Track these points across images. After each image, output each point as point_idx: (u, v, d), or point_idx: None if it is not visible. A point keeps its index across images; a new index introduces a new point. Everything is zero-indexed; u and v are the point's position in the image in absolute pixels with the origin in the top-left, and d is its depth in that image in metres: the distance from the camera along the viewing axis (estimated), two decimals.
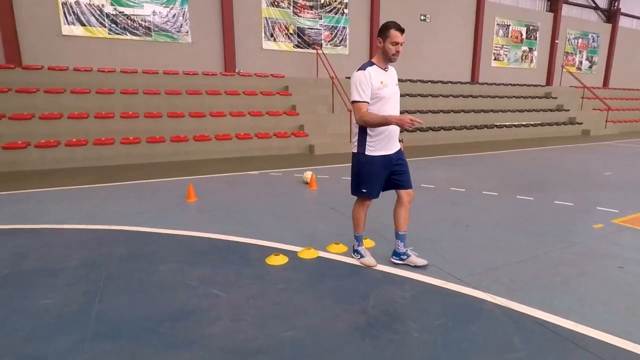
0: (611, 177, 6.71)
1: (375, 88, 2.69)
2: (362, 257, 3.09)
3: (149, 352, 2.01)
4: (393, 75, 2.88)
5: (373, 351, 2.00)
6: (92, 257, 3.25)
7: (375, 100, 2.72)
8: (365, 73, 2.68)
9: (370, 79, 2.68)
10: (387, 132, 2.80)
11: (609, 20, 20.10)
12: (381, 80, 2.72)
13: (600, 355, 1.95)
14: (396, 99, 2.85)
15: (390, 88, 2.77)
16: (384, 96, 2.72)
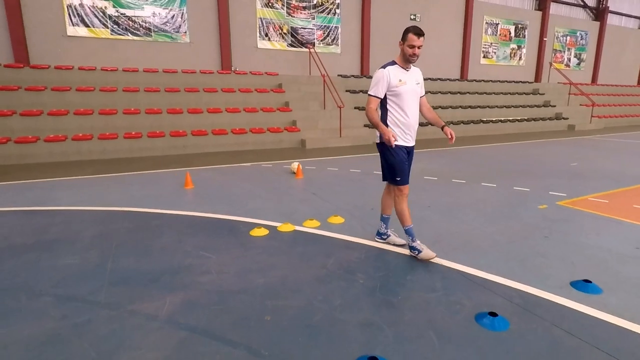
0: (575, 167, 7.29)
1: (393, 85, 2.96)
2: (419, 252, 3.09)
3: (153, 292, 2.61)
4: (415, 74, 3.09)
5: (326, 291, 2.61)
6: (103, 231, 3.85)
7: (394, 96, 3.00)
8: (384, 71, 2.97)
9: (389, 77, 2.95)
10: (405, 126, 3.06)
11: (597, 18, 20.61)
12: (400, 79, 2.98)
13: (500, 294, 2.55)
14: (414, 95, 3.05)
15: (409, 86, 3.00)
16: (402, 92, 2.98)
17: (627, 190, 5.47)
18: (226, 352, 1.99)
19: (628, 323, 2.21)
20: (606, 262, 3.04)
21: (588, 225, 3.98)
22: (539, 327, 2.20)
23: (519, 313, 2.34)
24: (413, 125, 3.10)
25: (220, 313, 2.36)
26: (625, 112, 18.82)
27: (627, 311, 2.33)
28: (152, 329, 2.20)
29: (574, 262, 3.04)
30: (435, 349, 2.01)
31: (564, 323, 2.22)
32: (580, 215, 4.30)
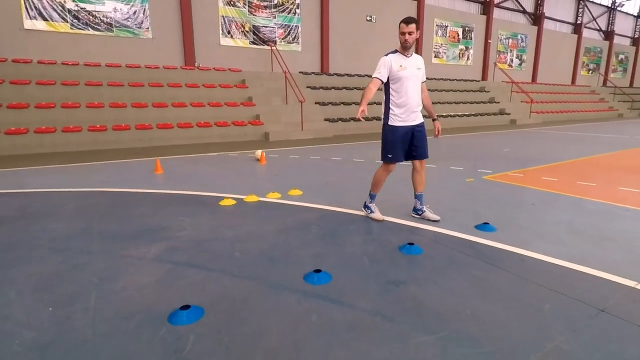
0: (506, 152, 8.36)
1: (394, 70, 3.29)
2: (371, 212, 3.68)
3: (139, 243, 3.13)
4: (416, 61, 3.39)
5: (285, 237, 3.23)
6: (82, 205, 4.25)
7: (395, 80, 3.33)
8: (386, 58, 3.32)
9: (390, 62, 3.29)
10: (405, 107, 3.38)
11: (535, 23, 22.57)
12: (400, 64, 3.29)
13: (421, 235, 3.29)
14: (415, 79, 3.36)
15: (409, 71, 3.31)
16: (402, 77, 3.30)
17: (542, 168, 6.50)
18: (204, 275, 2.57)
19: (509, 247, 3.00)
20: (505, 213, 3.88)
21: (500, 190, 4.87)
22: (444, 251, 2.94)
23: (431, 244, 3.07)
24: (413, 107, 3.41)
25: (198, 253, 2.92)
26: (561, 109, 20.79)
27: (510, 241, 3.13)
28: (143, 264, 2.74)
29: (480, 213, 3.85)
30: (366, 266, 2.69)
31: (464, 249, 2.98)
32: (497, 185, 5.20)
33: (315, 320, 2.03)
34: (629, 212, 3.91)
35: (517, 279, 2.48)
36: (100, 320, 2.05)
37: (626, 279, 2.44)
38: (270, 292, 2.35)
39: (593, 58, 27.26)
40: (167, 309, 2.13)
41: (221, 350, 1.80)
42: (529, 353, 1.75)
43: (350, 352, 1.77)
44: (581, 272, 2.56)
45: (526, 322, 2.00)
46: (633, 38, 30.65)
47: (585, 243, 3.07)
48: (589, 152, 8.37)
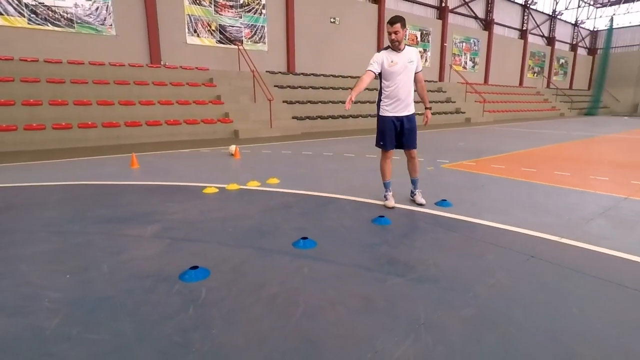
0: (462, 146, 9.14)
1: (386, 65, 3.55)
2: (386, 200, 3.89)
3: (134, 225, 3.38)
4: (407, 55, 3.58)
5: (270, 216, 3.61)
6: (67, 196, 4.39)
7: (386, 75, 3.59)
8: (378, 54, 3.60)
9: (382, 58, 3.56)
10: (394, 99, 3.64)
11: (486, 28, 24.17)
12: (391, 60, 3.54)
13: (390, 212, 3.77)
14: (406, 73, 3.58)
15: (400, 65, 3.54)
16: (393, 72, 3.56)
17: (492, 157, 7.26)
18: (202, 246, 2.89)
19: (462, 217, 3.54)
20: (460, 193, 4.47)
21: (456, 176, 5.50)
22: (410, 222, 3.45)
23: (399, 217, 3.56)
24: (403, 98, 3.64)
25: (192, 230, 3.23)
26: (510, 108, 22.41)
27: (464, 213, 3.68)
28: (142, 241, 3.01)
29: (439, 193, 4.40)
30: (344, 234, 3.13)
31: (426, 219, 3.50)
32: (453, 172, 5.84)
33: (307, 273, 2.44)
34: (562, 190, 4.62)
35: (468, 239, 3.01)
36: (118, 281, 2.33)
37: (552, 235, 3.03)
38: (265, 255, 2.72)
39: (537, 62, 29.50)
40: (177, 272, 2.44)
41: (231, 296, 2.16)
42: (475, 285, 2.25)
43: (339, 292, 2.19)
44: (518, 232, 3.14)
45: (474, 266, 2.51)
46: (571, 44, 33.44)
47: (524, 213, 3.68)
48: (533, 145, 9.33)
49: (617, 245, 2.81)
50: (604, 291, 2.18)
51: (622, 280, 2.29)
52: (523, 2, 26.68)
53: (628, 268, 2.50)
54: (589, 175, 5.49)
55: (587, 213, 3.64)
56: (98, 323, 1.88)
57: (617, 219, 3.46)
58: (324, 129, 13.47)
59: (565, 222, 3.36)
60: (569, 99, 30.12)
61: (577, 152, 8.24)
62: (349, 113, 14.74)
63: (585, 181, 5.11)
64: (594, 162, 6.75)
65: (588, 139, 10.96)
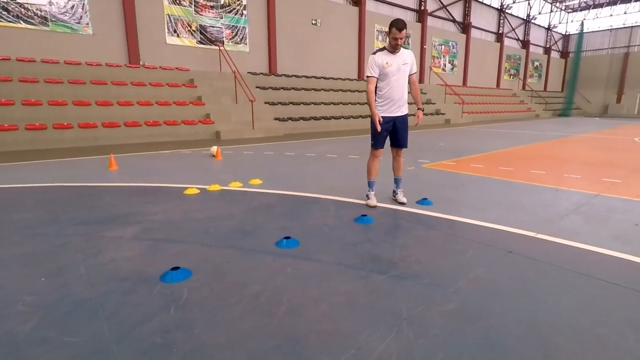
0: (442, 146, 9.30)
1: (381, 67, 3.61)
2: (368, 199, 3.93)
3: (113, 227, 3.31)
4: (403, 57, 3.65)
5: (253, 216, 3.58)
6: (43, 198, 4.25)
7: (382, 76, 3.64)
8: (374, 56, 3.63)
9: (377, 60, 3.59)
10: (387, 100, 3.72)
11: (464, 31, 24.71)
12: (387, 61, 3.59)
13: (373, 211, 3.80)
14: (400, 74, 3.64)
15: (395, 67, 3.60)
16: (387, 73, 3.62)
17: (471, 157, 7.42)
18: (185, 247, 2.85)
19: (443, 215, 3.61)
20: (440, 191, 4.55)
21: (436, 175, 5.59)
22: (392, 220, 3.49)
23: (380, 216, 3.60)
24: (396, 99, 3.72)
25: (174, 231, 3.18)
26: (487, 109, 22.94)
27: (444, 211, 3.75)
28: (122, 242, 2.95)
29: (420, 192, 4.47)
30: (327, 233, 3.14)
31: (408, 217, 3.54)
32: (434, 171, 5.94)
33: (290, 271, 2.44)
34: (536, 188, 4.76)
35: (449, 236, 3.07)
36: (97, 283, 2.28)
37: (529, 231, 3.12)
38: (248, 255, 2.71)
39: (513, 64, 30.33)
40: (157, 273, 2.40)
41: (213, 296, 2.14)
42: (457, 280, 2.30)
43: (323, 289, 2.20)
44: (496, 229, 3.22)
45: (455, 262, 2.56)
46: (545, 47, 34.54)
47: (501, 210, 3.78)
48: (510, 145, 9.58)
49: (589, 240, 2.92)
50: (576, 283, 2.26)
51: (593, 272, 2.38)
52: (499, 7, 27.41)
53: (599, 261, 2.60)
54: (563, 174, 5.67)
55: (561, 209, 3.76)
56: (75, 325, 1.84)
57: (589, 215, 3.60)
58: (306, 130, 13.48)
59: (541, 219, 3.47)
60: (544, 100, 31.09)
61: (552, 151, 8.51)
62: (331, 114, 14.80)
63: (560, 179, 5.28)
64: (567, 161, 6.99)
65: (562, 139, 11.33)
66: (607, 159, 7.23)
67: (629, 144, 9.97)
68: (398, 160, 4.11)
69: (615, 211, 3.71)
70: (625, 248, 2.76)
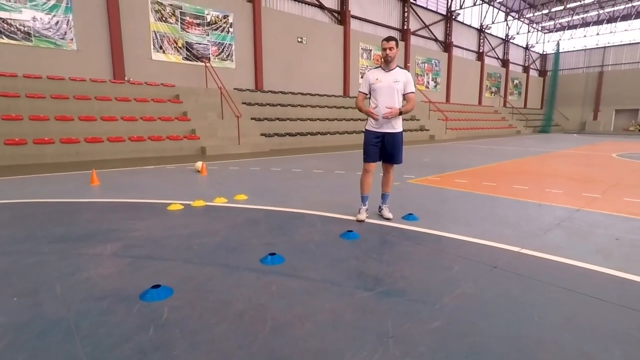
0: (426, 162, 9.42)
1: (371, 82, 3.74)
2: (359, 213, 3.96)
3: (92, 243, 3.21)
4: (395, 75, 3.70)
5: (237, 232, 3.53)
6: (19, 215, 4.10)
7: (373, 92, 3.77)
8: (367, 73, 3.81)
9: (369, 77, 3.77)
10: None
11: (446, 50, 25.43)
12: (377, 77, 3.71)
13: (357, 226, 3.79)
14: (389, 91, 3.68)
15: (384, 83, 3.68)
16: (376, 88, 3.72)
17: (455, 173, 7.52)
18: (166, 264, 2.78)
19: (428, 230, 3.62)
20: (425, 207, 4.57)
21: (421, 190, 5.64)
22: (378, 236, 3.48)
23: (366, 232, 3.59)
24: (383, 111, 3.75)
25: (156, 248, 3.10)
26: (470, 126, 23.45)
27: (430, 226, 3.76)
28: (101, 260, 2.85)
29: (406, 207, 4.49)
30: (313, 249, 3.10)
31: (393, 233, 3.54)
32: (419, 187, 5.99)
33: (274, 289, 2.39)
34: (519, 203, 4.83)
35: (435, 251, 3.07)
36: (72, 303, 2.19)
37: (513, 246, 3.15)
38: (232, 272, 2.65)
39: (494, 82, 31.24)
40: (137, 291, 2.32)
41: (195, 315, 2.07)
42: (442, 296, 2.28)
43: (308, 307, 2.16)
44: (481, 244, 3.24)
45: (441, 278, 2.55)
46: (524, 66, 35.77)
47: (486, 224, 3.81)
48: (493, 161, 9.77)
49: (572, 254, 2.95)
50: (561, 298, 2.27)
51: (576, 287, 2.40)
52: (479, 27, 28.38)
53: (582, 275, 2.62)
54: (545, 189, 5.79)
55: (544, 224, 3.82)
56: (48, 347, 1.75)
57: (571, 229, 3.66)
58: (292, 145, 13.50)
59: (525, 233, 3.51)
60: (524, 117, 31.99)
61: (534, 167, 8.70)
62: (317, 130, 14.90)
63: (542, 194, 5.39)
64: (549, 176, 7.15)
65: (543, 155, 11.62)
66: (587, 175, 7.42)
67: (607, 160, 10.28)
68: (387, 176, 4.13)
69: (597, 226, 3.79)
70: (608, 262, 2.81)
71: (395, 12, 21.72)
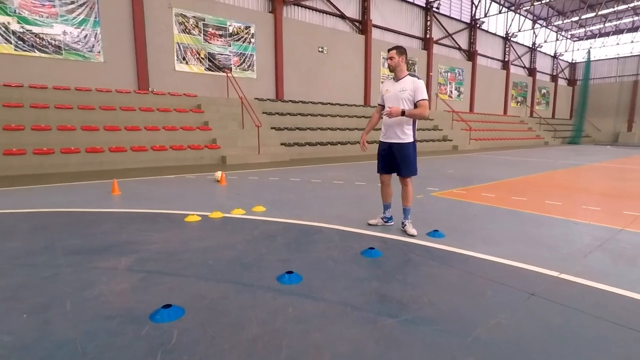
0: (451, 173, 9.11)
1: (382, 94, 3.91)
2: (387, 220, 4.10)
3: (107, 257, 3.14)
4: (402, 84, 3.71)
5: (254, 246, 3.40)
6: (38, 225, 4.11)
7: (384, 102, 3.87)
8: (382, 84, 3.98)
9: (382, 88, 3.92)
10: (385, 126, 3.88)
11: (470, 59, 24.97)
12: (387, 89, 3.84)
13: (380, 241, 3.60)
14: (396, 101, 3.71)
15: (392, 93, 3.76)
16: (385, 99, 3.84)
17: (481, 186, 7.21)
18: (179, 280, 2.67)
19: (456, 249, 3.40)
20: (451, 222, 4.34)
21: (446, 204, 5.38)
22: (401, 254, 3.27)
23: (389, 249, 3.39)
24: (388, 125, 3.83)
25: (170, 263, 3.01)
26: (495, 136, 22.83)
27: (457, 244, 3.54)
28: (115, 274, 2.77)
29: (430, 223, 4.27)
30: (332, 267, 2.94)
31: (418, 252, 3.33)
32: (444, 200, 5.73)
33: (291, 312, 2.23)
34: (554, 220, 4.53)
35: (464, 273, 2.85)
36: (80, 322, 2.10)
37: (552, 271, 2.89)
38: (246, 291, 2.51)
39: (520, 91, 30.43)
40: (148, 310, 2.22)
41: (206, 339, 1.94)
42: (475, 327, 2.07)
43: (326, 335, 1.99)
44: (516, 266, 2.99)
45: (473, 305, 2.33)
46: (552, 75, 34.73)
47: (519, 244, 3.55)
48: (521, 173, 9.36)
49: (619, 282, 2.67)
50: (610, 334, 2.02)
51: (630, 322, 2.14)
52: (504, 35, 27.79)
53: (634, 308, 2.35)
54: (580, 205, 5.43)
55: (583, 245, 3.52)
56: None
57: (615, 252, 3.35)
58: (312, 155, 13.41)
59: (563, 256, 3.23)
60: (552, 127, 30.95)
61: (566, 180, 8.27)
62: (338, 140, 14.77)
63: (578, 211, 5.05)
64: (583, 191, 6.74)
65: (575, 168, 11.08)
66: (625, 190, 6.97)
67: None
68: (404, 189, 4.03)
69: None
70: None
71: (418, 21, 21.52)
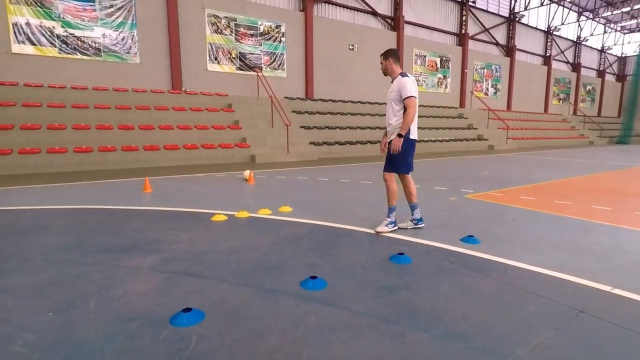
0: (486, 175, 8.70)
1: None
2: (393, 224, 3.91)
3: (133, 255, 3.15)
4: (392, 85, 3.79)
5: (279, 248, 3.32)
6: (72, 221, 4.23)
7: None
8: None
9: None
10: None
11: (508, 54, 23.90)
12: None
13: (410, 246, 3.42)
14: (388, 102, 3.80)
15: (388, 94, 3.84)
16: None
17: (520, 188, 6.81)
18: (202, 283, 2.62)
19: (493, 257, 3.16)
20: (488, 227, 4.07)
21: (482, 207, 5.09)
22: (433, 261, 3.08)
23: (420, 255, 3.21)
24: (386, 122, 3.91)
25: (194, 263, 2.97)
26: (535, 135, 21.75)
27: (494, 252, 3.30)
28: (139, 274, 2.77)
29: (465, 227, 4.03)
30: (359, 274, 2.80)
31: (451, 259, 3.13)
32: (479, 203, 5.43)
33: (313, 321, 2.11)
34: (603, 227, 4.16)
35: (502, 285, 2.63)
36: (102, 323, 2.08)
37: (603, 285, 2.61)
38: (269, 296, 2.42)
39: (563, 88, 28.85)
40: (168, 313, 2.17)
41: (224, 348, 1.86)
42: (515, 347, 1.87)
43: (349, 349, 1.86)
44: (561, 278, 2.73)
45: (512, 321, 2.13)
46: (598, 70, 32.68)
47: (563, 253, 3.26)
48: (564, 175, 8.79)
49: None
50: None
51: None
52: (546, 29, 26.42)
53: None
54: (633, 211, 4.98)
55: (639, 256, 3.19)
56: None
57: None
58: (341, 154, 13.27)
59: (615, 268, 2.92)
60: (598, 126, 29.12)
61: (615, 183, 7.68)
62: (367, 139, 14.54)
63: (630, 217, 4.62)
64: (636, 196, 6.21)
65: (624, 170, 10.31)
66: None
67: None
68: (405, 184, 4.10)
69: None
70: None
71: (452, 16, 20.83)
